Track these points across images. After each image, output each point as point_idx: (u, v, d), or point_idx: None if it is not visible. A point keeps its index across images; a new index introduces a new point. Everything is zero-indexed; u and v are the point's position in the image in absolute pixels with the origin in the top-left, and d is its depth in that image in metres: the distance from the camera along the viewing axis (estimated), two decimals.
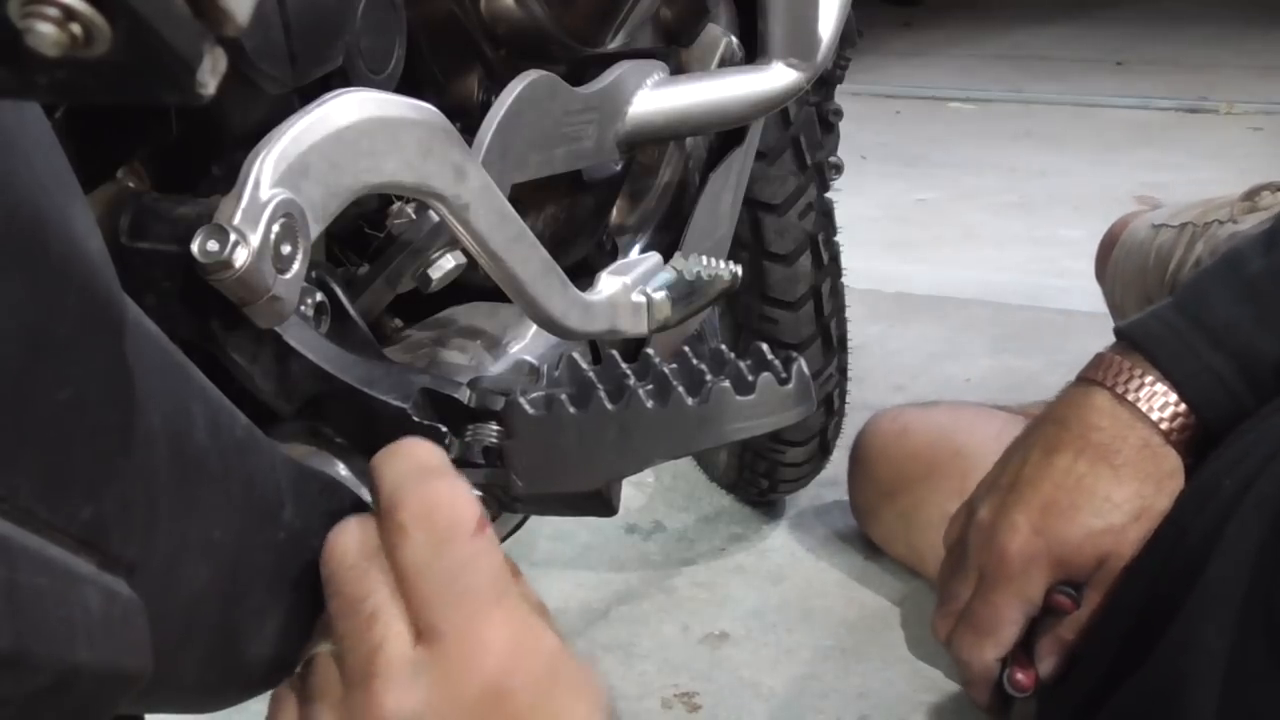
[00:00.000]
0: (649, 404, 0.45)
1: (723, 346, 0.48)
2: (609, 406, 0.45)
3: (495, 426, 0.47)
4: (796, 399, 0.46)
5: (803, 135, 1.02)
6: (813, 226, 1.05)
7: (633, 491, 1.29)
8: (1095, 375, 0.80)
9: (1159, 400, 0.77)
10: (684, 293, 0.63)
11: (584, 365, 0.48)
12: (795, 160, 1.03)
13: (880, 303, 1.76)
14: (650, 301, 0.60)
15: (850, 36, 0.98)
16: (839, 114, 1.07)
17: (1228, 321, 0.76)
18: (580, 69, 0.64)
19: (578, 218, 0.68)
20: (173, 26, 0.22)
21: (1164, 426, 0.76)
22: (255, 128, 0.43)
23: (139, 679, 0.32)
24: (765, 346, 0.48)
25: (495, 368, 0.59)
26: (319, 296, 0.49)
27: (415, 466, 0.43)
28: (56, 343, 0.28)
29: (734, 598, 1.12)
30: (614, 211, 0.73)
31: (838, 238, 1.11)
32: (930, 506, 1.08)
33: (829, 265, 1.09)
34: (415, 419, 0.47)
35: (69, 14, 0.21)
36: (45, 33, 0.21)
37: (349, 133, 0.43)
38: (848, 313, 1.15)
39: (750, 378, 0.46)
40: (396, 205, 0.55)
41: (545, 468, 0.46)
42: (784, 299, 1.06)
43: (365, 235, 0.56)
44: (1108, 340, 0.84)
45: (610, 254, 0.74)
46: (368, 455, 0.49)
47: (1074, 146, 2.69)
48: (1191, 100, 3.07)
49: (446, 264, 0.55)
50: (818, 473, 1.24)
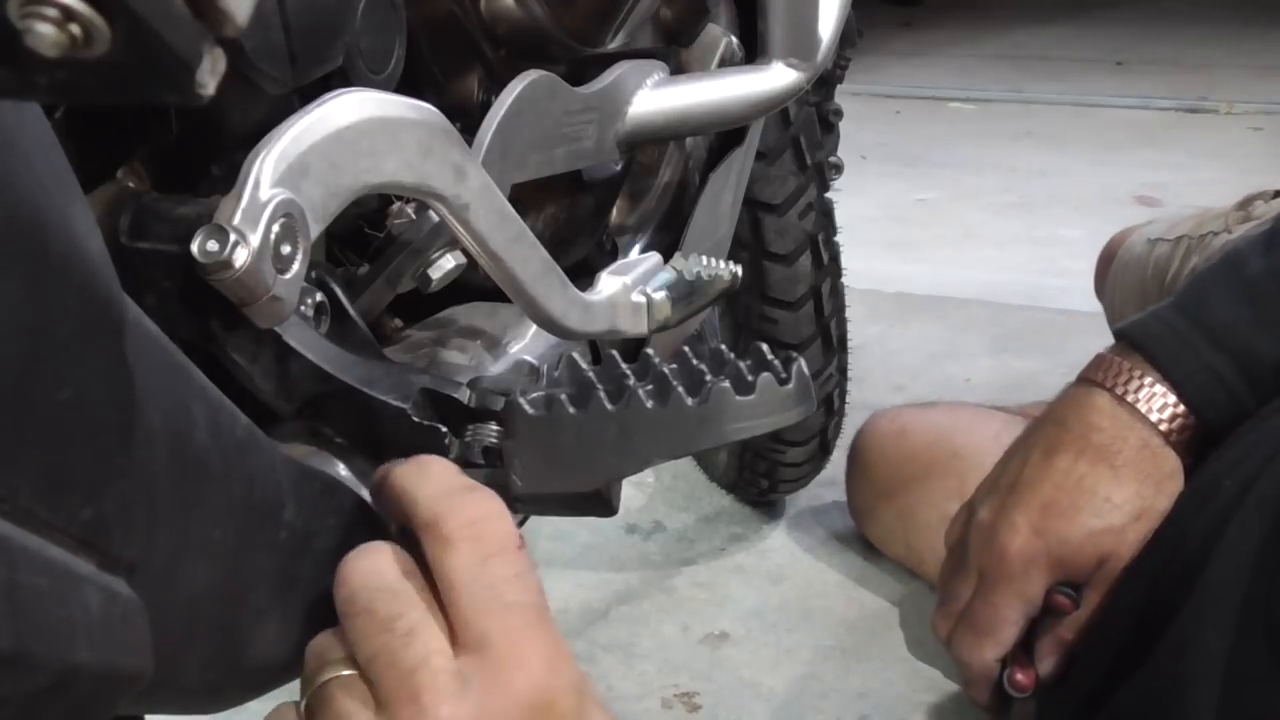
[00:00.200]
0: (649, 404, 0.45)
1: (723, 346, 0.48)
2: (609, 406, 0.45)
3: (495, 426, 0.47)
4: (796, 399, 0.46)
5: (803, 135, 1.02)
6: (813, 226, 1.05)
7: (633, 491, 1.29)
8: (1095, 376, 0.80)
9: (1158, 401, 0.77)
10: (684, 293, 0.63)
11: (584, 365, 0.48)
12: (795, 160, 1.03)
13: (880, 303, 1.76)
14: (650, 301, 0.60)
15: (850, 36, 0.98)
16: (839, 114, 1.07)
17: (1227, 322, 0.76)
18: (580, 69, 0.64)
19: (578, 218, 0.67)
20: (172, 27, 0.22)
21: (1163, 427, 0.76)
22: (255, 128, 0.43)
23: (139, 679, 0.32)
24: (765, 346, 0.48)
25: (495, 368, 0.59)
26: (319, 296, 0.49)
27: (455, 482, 0.44)
28: (56, 343, 0.28)
29: (734, 598, 1.12)
30: (614, 211, 0.73)
31: (838, 238, 1.11)
32: (928, 507, 1.08)
33: (829, 265, 1.09)
34: (415, 419, 0.47)
35: (68, 14, 0.21)
36: (44, 33, 0.21)
37: (349, 133, 0.42)
38: (848, 313, 1.15)
39: (750, 378, 0.46)
40: (396, 205, 0.55)
41: (545, 468, 0.46)
42: (784, 299, 1.06)
43: (365, 235, 0.56)
44: (1108, 340, 0.84)
45: (610, 254, 0.74)
46: (368, 455, 0.49)
47: (1074, 146, 2.69)
48: (1191, 100, 3.07)
49: (446, 264, 0.55)
50: (818, 473, 1.24)
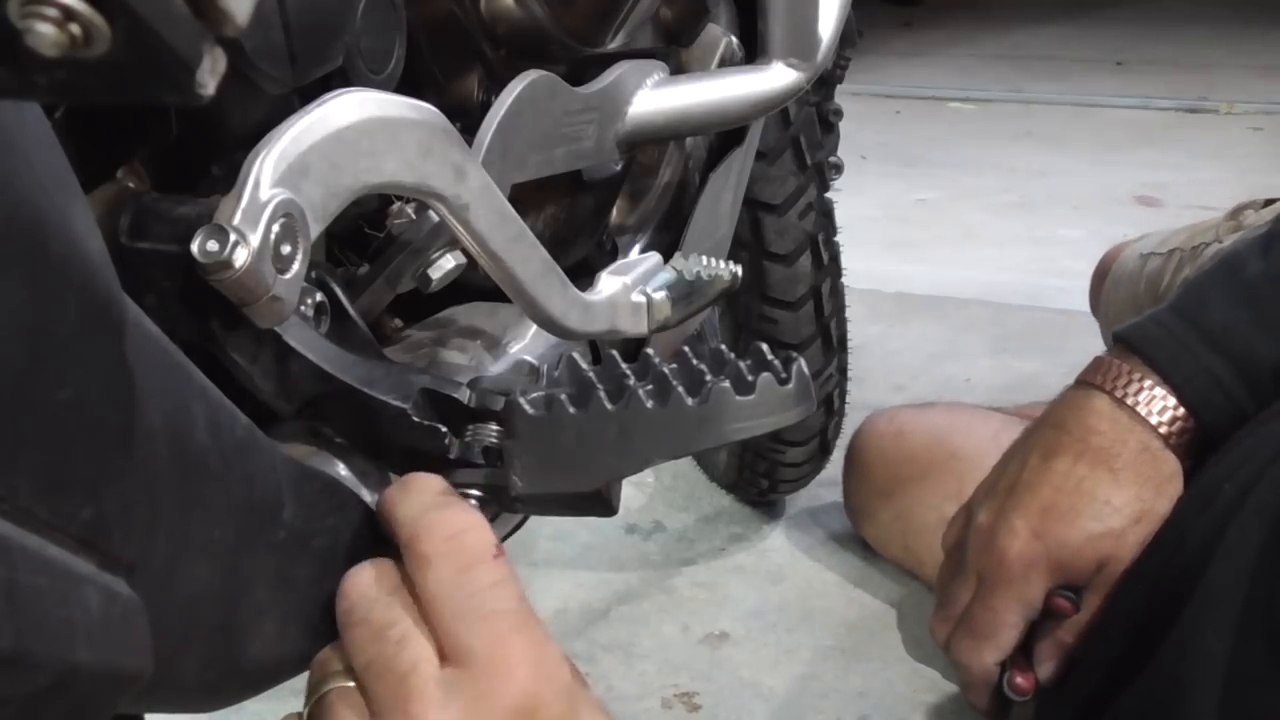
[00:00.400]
0: (649, 404, 0.45)
1: (723, 346, 0.48)
2: (609, 406, 0.45)
3: (495, 426, 0.47)
4: (796, 399, 0.46)
5: (803, 135, 1.02)
6: (813, 226, 1.05)
7: (633, 491, 1.29)
8: (1094, 379, 0.80)
9: (1158, 404, 0.76)
10: (684, 293, 0.63)
11: (584, 365, 0.48)
12: (795, 160, 1.03)
13: (880, 303, 1.76)
14: (650, 301, 0.60)
15: (850, 36, 0.98)
16: (839, 114, 1.07)
17: (1226, 324, 0.76)
18: (580, 69, 0.64)
19: (578, 218, 0.67)
20: (172, 27, 0.22)
21: (1163, 430, 0.76)
22: (255, 128, 0.43)
23: (139, 679, 0.32)
24: (765, 346, 0.47)
25: (495, 368, 0.59)
26: (319, 296, 0.49)
27: (431, 499, 0.44)
28: (56, 343, 0.28)
29: (734, 598, 1.12)
30: (614, 211, 0.73)
31: (838, 238, 1.11)
32: (926, 508, 1.08)
33: (829, 265, 1.09)
34: (415, 419, 0.47)
35: (68, 14, 0.21)
36: (45, 33, 0.21)
37: (349, 133, 0.42)
38: (848, 313, 1.16)
39: (750, 378, 0.46)
40: (396, 205, 0.55)
41: (545, 468, 0.46)
42: (784, 299, 1.06)
43: (365, 235, 0.55)
44: (1107, 341, 0.84)
45: (610, 254, 0.74)
46: (368, 455, 0.49)
47: (1074, 146, 2.69)
48: (1191, 100, 3.07)
49: (446, 264, 0.55)
50: (818, 473, 1.24)
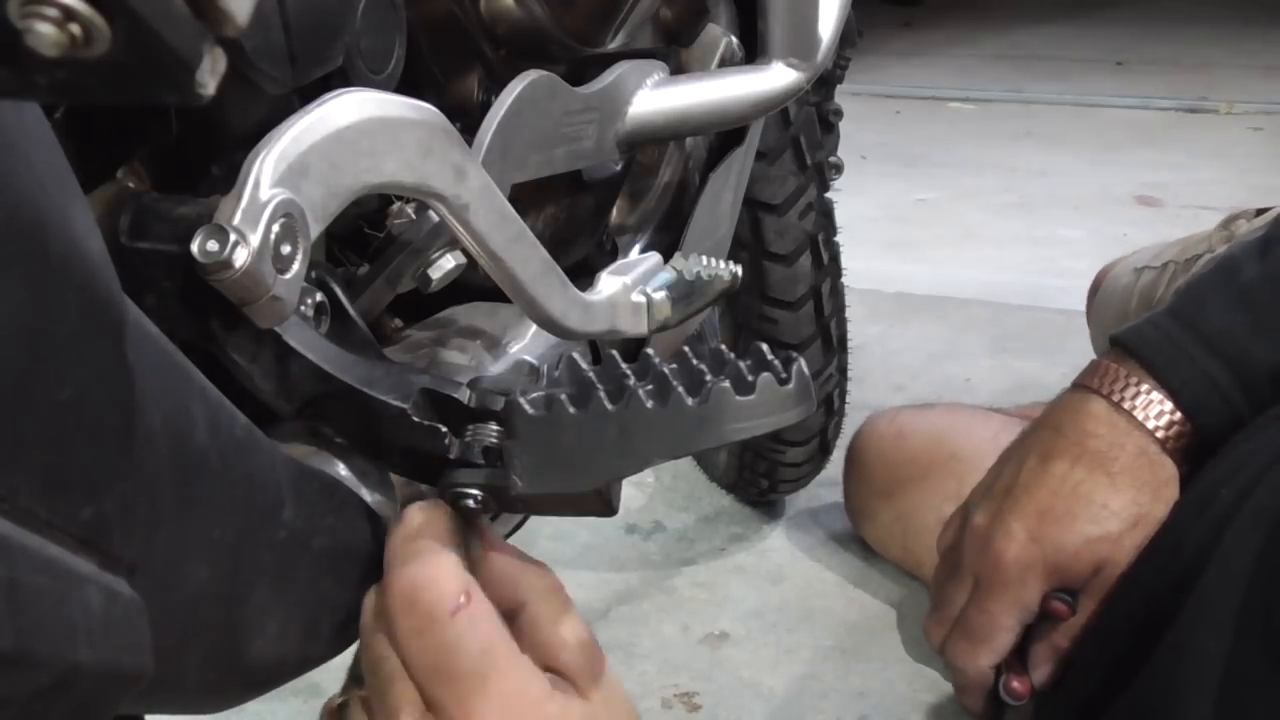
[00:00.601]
0: (649, 404, 0.45)
1: (723, 346, 0.48)
2: (609, 406, 0.45)
3: (495, 426, 0.47)
4: (796, 399, 0.46)
5: (803, 135, 1.02)
6: (813, 226, 1.05)
7: (633, 491, 1.29)
8: (1091, 383, 0.79)
9: (1155, 408, 0.76)
10: (684, 293, 0.63)
11: (584, 365, 0.48)
12: (795, 160, 1.03)
13: (880, 303, 1.76)
14: (650, 301, 0.60)
15: (850, 36, 0.98)
16: (839, 114, 1.07)
17: (1223, 328, 0.76)
18: (580, 69, 0.64)
19: (578, 218, 0.67)
20: (172, 27, 0.22)
21: (1160, 434, 0.76)
22: (255, 128, 0.43)
23: (140, 679, 0.32)
24: (765, 346, 0.47)
25: (495, 368, 0.59)
26: (319, 296, 0.48)
27: (398, 548, 0.45)
28: (56, 343, 0.28)
29: (734, 598, 1.12)
30: (614, 211, 0.73)
31: (838, 238, 1.11)
32: (926, 509, 1.08)
33: (829, 265, 1.09)
34: (415, 419, 0.47)
35: (68, 14, 0.21)
36: (45, 33, 0.21)
37: (349, 133, 0.42)
38: (848, 313, 1.16)
39: (750, 378, 0.46)
40: (396, 205, 0.55)
41: (545, 468, 0.46)
42: (784, 299, 1.06)
43: (365, 235, 0.55)
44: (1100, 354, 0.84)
45: (610, 254, 0.74)
46: (368, 455, 0.49)
47: (1074, 146, 2.69)
48: (1191, 100, 3.07)
49: (446, 264, 0.55)
50: (818, 473, 1.24)
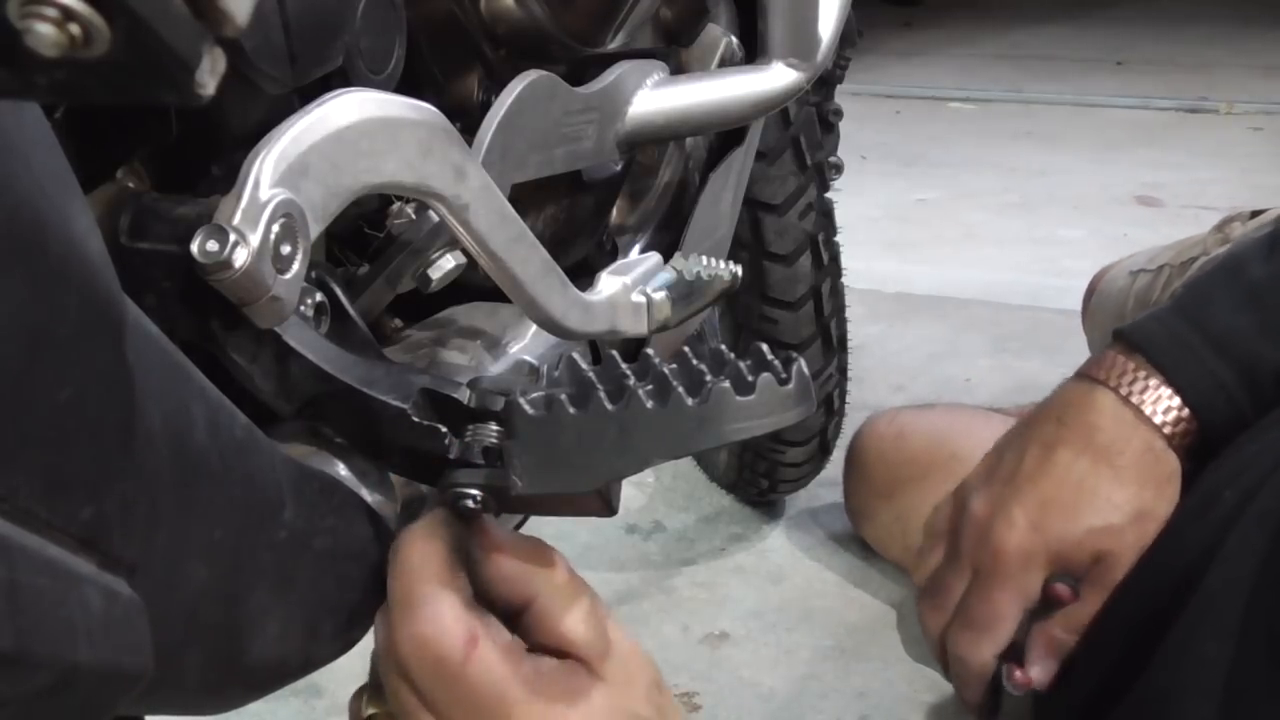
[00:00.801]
0: (649, 404, 0.45)
1: (723, 346, 0.48)
2: (609, 407, 0.45)
3: (495, 426, 0.47)
4: (796, 399, 0.46)
5: (803, 135, 1.02)
6: (813, 226, 1.05)
7: (633, 491, 1.29)
8: (1097, 374, 0.79)
9: (1163, 404, 0.76)
10: (684, 293, 0.63)
11: (584, 365, 0.47)
12: (795, 160, 1.03)
13: (880, 303, 1.76)
14: (650, 301, 0.60)
15: (850, 36, 0.98)
16: (839, 114, 1.07)
17: (1230, 328, 0.75)
18: (580, 69, 0.64)
19: (578, 218, 0.67)
20: (172, 27, 0.22)
21: (1166, 430, 0.76)
22: (255, 128, 0.43)
23: (139, 679, 0.32)
24: (765, 346, 0.47)
25: (495, 368, 0.59)
26: (319, 296, 0.48)
27: (399, 588, 0.46)
28: (56, 343, 0.28)
29: (734, 598, 1.12)
30: (614, 211, 0.73)
31: (838, 238, 1.11)
32: (926, 509, 1.07)
33: (829, 265, 1.09)
34: (415, 419, 0.47)
35: (68, 14, 0.21)
36: (44, 33, 0.21)
37: (349, 133, 0.42)
38: (848, 313, 1.16)
39: (750, 378, 0.45)
40: (396, 205, 0.55)
41: (545, 468, 0.46)
42: (784, 299, 1.06)
43: (365, 235, 0.55)
44: None
45: (610, 254, 0.74)
46: (368, 455, 0.49)
47: (1074, 146, 2.69)
48: (1191, 100, 3.07)
49: (446, 264, 0.55)
50: (818, 473, 1.24)
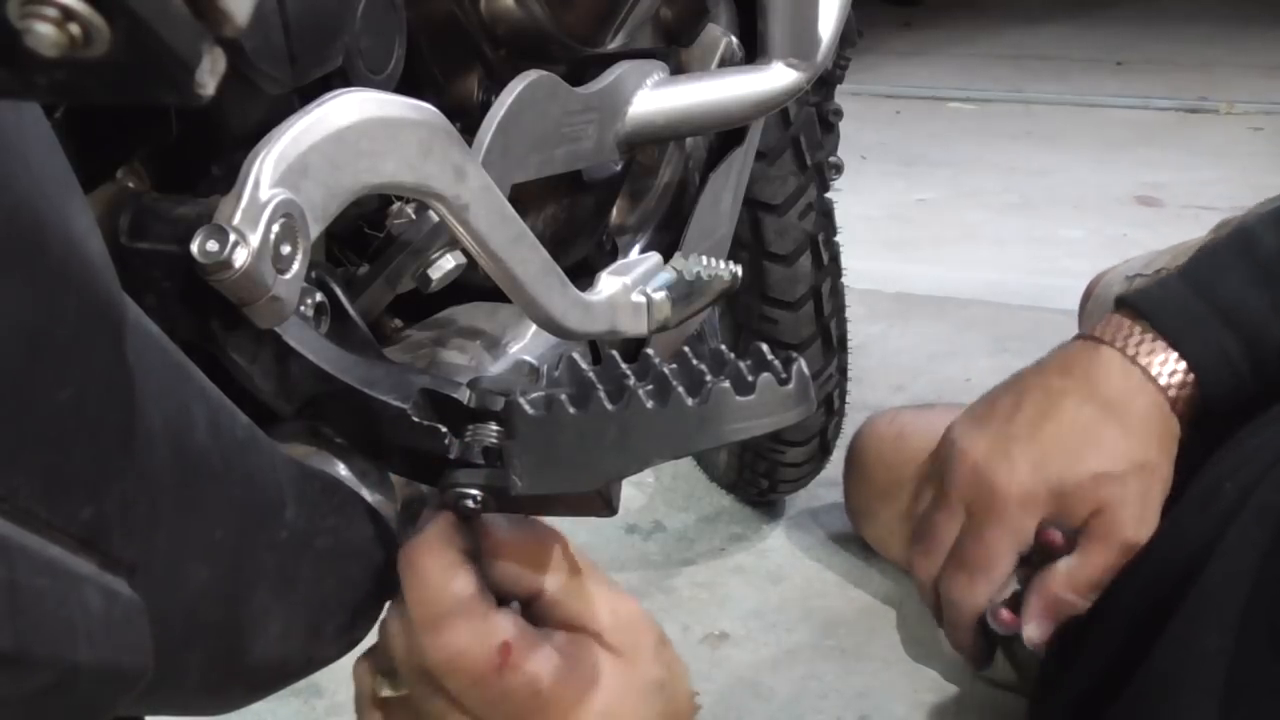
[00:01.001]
0: (649, 404, 0.45)
1: (723, 347, 0.48)
2: (609, 407, 0.45)
3: (495, 426, 0.47)
4: (796, 399, 0.46)
5: (803, 135, 1.02)
6: (813, 226, 1.05)
7: (633, 491, 1.29)
8: (1102, 335, 0.78)
9: (1169, 367, 0.76)
10: (684, 293, 0.63)
11: (584, 365, 0.47)
12: (795, 160, 1.03)
13: (880, 303, 1.76)
14: (650, 302, 0.60)
15: (850, 36, 0.98)
16: (839, 114, 1.07)
17: (1239, 301, 0.75)
18: (580, 69, 0.64)
19: (578, 218, 0.67)
20: (172, 27, 0.22)
21: (1171, 394, 0.76)
22: (255, 128, 0.43)
23: (139, 679, 0.32)
24: (765, 347, 0.47)
25: (495, 368, 0.59)
26: (319, 296, 0.48)
27: (427, 604, 0.45)
28: (56, 343, 0.28)
29: (734, 598, 1.12)
30: (614, 211, 0.73)
31: (838, 238, 1.11)
32: None
33: (829, 265, 1.09)
34: (415, 419, 0.47)
35: (68, 14, 0.21)
36: (44, 33, 0.21)
37: (349, 133, 0.42)
38: (848, 313, 1.16)
39: (750, 378, 0.45)
40: (396, 205, 0.55)
41: (545, 468, 0.46)
42: (784, 299, 1.06)
43: (365, 235, 0.55)
44: None
45: (610, 254, 0.74)
46: (368, 455, 0.49)
47: (1074, 146, 2.69)
48: (1191, 100, 3.07)
49: (446, 264, 0.55)
50: (818, 473, 1.24)
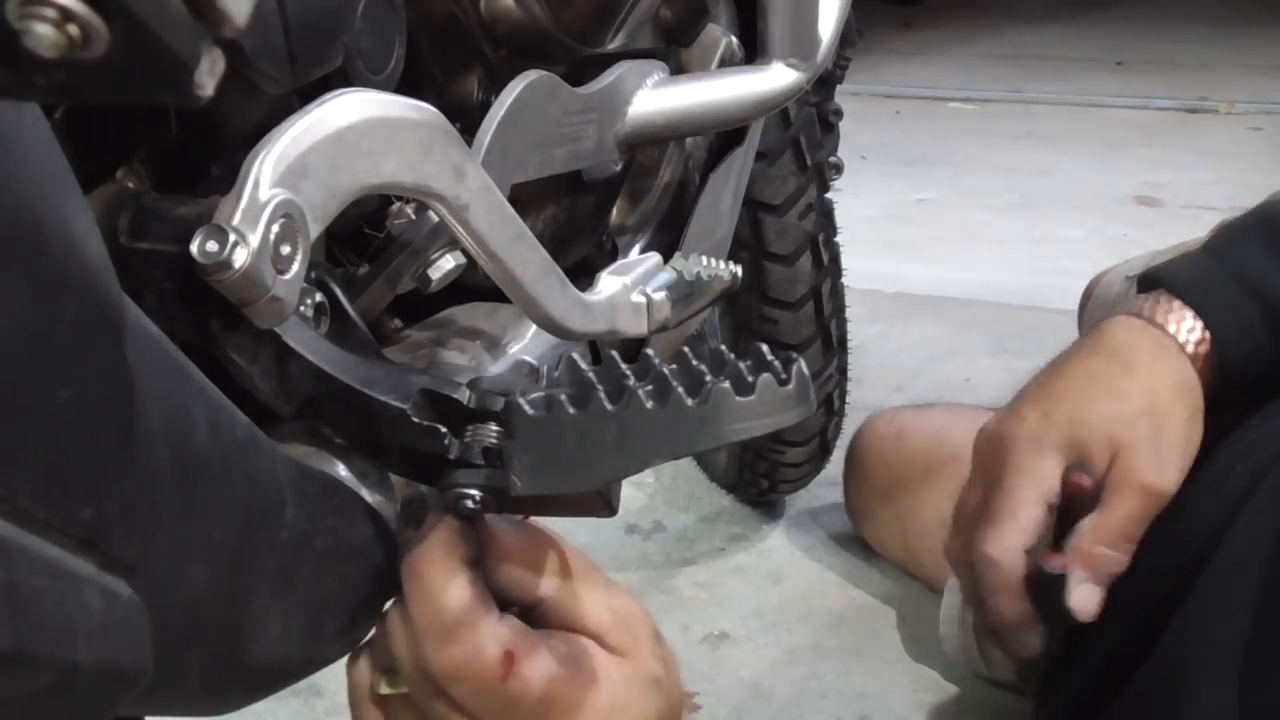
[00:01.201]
0: (649, 404, 0.45)
1: (723, 347, 0.48)
2: (609, 407, 0.45)
3: (495, 427, 0.47)
4: (796, 400, 0.46)
5: (803, 135, 1.02)
6: (813, 227, 1.05)
7: (633, 491, 1.29)
8: (1125, 310, 0.79)
9: (1187, 324, 0.76)
10: (684, 293, 0.63)
11: (584, 365, 0.47)
12: (795, 160, 1.03)
13: (880, 303, 1.76)
14: (650, 302, 0.60)
15: (850, 36, 0.98)
16: (839, 114, 1.07)
17: (1260, 272, 0.75)
18: (580, 69, 0.64)
19: (578, 218, 0.67)
20: (171, 28, 0.22)
21: (1190, 350, 0.75)
22: (255, 128, 0.43)
23: (139, 679, 0.32)
24: (765, 347, 0.47)
25: (495, 368, 0.59)
26: (319, 296, 0.48)
27: (432, 613, 0.45)
28: (56, 343, 0.28)
29: (734, 598, 1.12)
30: (614, 211, 0.73)
31: (838, 238, 1.11)
32: (927, 510, 1.07)
33: (829, 265, 1.09)
34: (415, 419, 0.47)
35: (67, 15, 0.21)
36: (43, 34, 0.21)
37: (349, 133, 0.42)
38: (848, 313, 1.16)
39: (750, 378, 0.45)
40: (396, 205, 0.55)
41: (545, 468, 0.46)
42: (784, 299, 1.06)
43: (365, 235, 0.56)
44: None
45: (610, 254, 0.74)
46: (368, 455, 0.49)
47: (1074, 146, 2.69)
48: (1191, 100, 3.07)
49: (446, 264, 0.55)
50: (818, 473, 1.24)
